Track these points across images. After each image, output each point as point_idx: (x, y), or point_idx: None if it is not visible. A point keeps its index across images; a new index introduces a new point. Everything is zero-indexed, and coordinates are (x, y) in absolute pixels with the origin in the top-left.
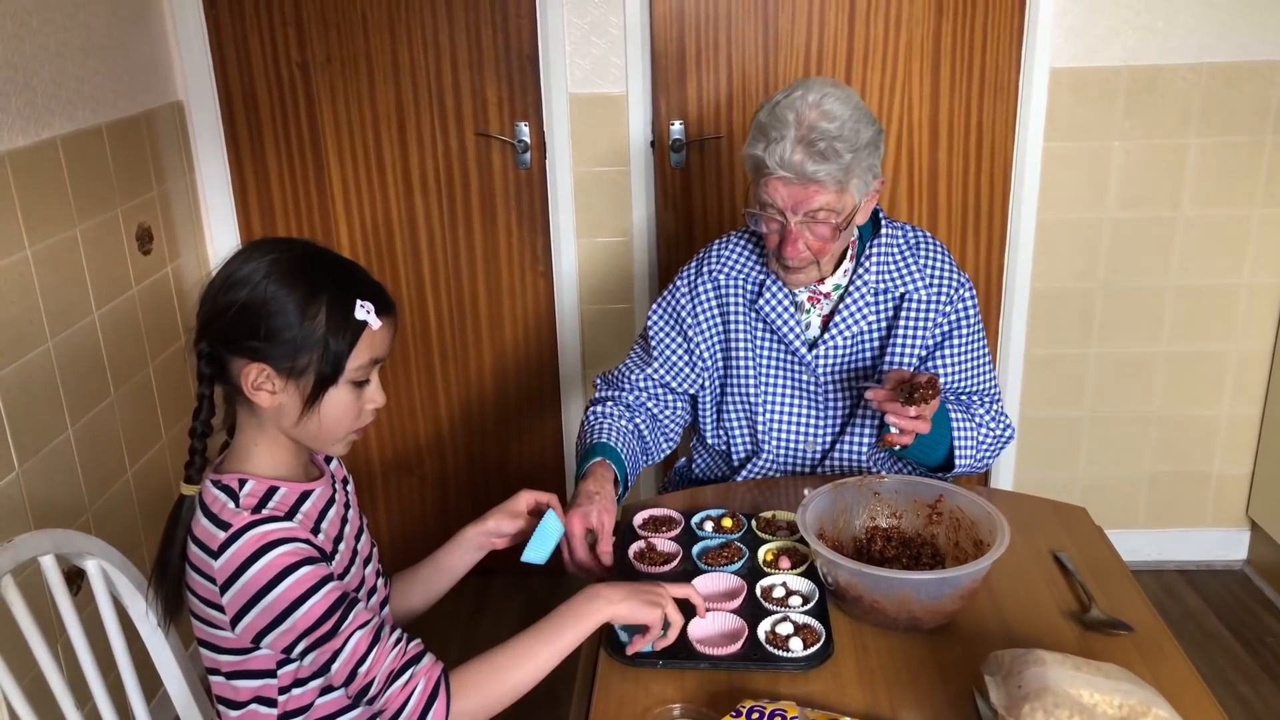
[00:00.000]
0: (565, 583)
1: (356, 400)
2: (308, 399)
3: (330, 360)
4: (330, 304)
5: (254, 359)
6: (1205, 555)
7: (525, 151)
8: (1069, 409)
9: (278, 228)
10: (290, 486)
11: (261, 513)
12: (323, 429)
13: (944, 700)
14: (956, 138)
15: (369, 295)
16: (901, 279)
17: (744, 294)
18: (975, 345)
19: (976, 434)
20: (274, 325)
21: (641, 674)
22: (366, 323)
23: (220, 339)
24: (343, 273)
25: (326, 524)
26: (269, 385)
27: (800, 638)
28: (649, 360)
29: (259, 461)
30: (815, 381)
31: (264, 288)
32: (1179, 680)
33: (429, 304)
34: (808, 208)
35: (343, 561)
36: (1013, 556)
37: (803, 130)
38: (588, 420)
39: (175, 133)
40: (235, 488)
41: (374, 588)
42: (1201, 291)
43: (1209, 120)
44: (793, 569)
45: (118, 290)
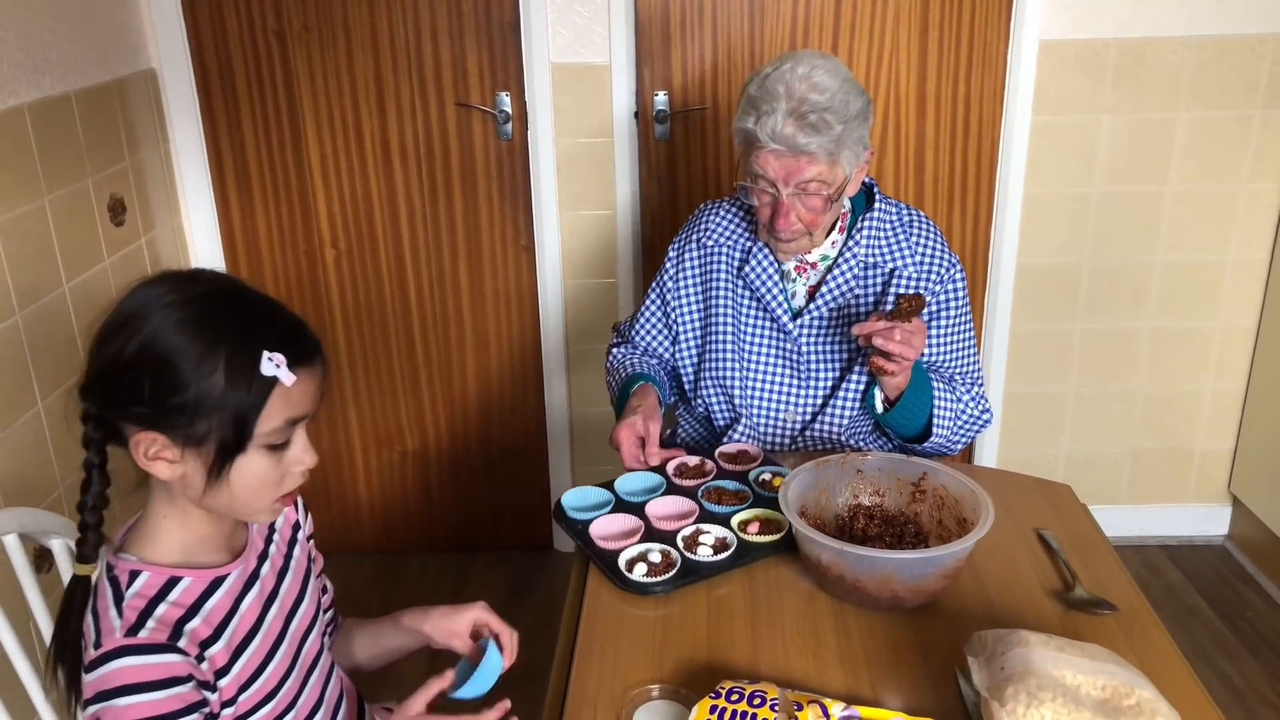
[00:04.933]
0: (548, 560)
1: (276, 466)
2: (211, 470)
3: (233, 426)
4: (230, 358)
5: (144, 426)
6: (1187, 530)
7: (507, 122)
8: (1054, 384)
9: (254, 199)
10: (197, 576)
11: (139, 635)
12: (236, 501)
13: (926, 681)
14: (944, 110)
15: (280, 344)
16: (891, 255)
17: (731, 261)
18: (961, 327)
19: (956, 407)
20: (162, 386)
21: (621, 656)
22: (277, 379)
23: (103, 400)
24: (248, 318)
25: (238, 617)
26: (166, 455)
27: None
28: (634, 329)
29: (166, 539)
30: (798, 351)
31: (148, 340)
32: (1162, 660)
33: (409, 278)
34: (799, 179)
35: (258, 656)
36: (997, 535)
37: (793, 103)
38: (613, 360)
39: (148, 101)
40: (124, 582)
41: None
42: (1187, 267)
43: (1197, 94)
44: (760, 534)
45: (89, 262)
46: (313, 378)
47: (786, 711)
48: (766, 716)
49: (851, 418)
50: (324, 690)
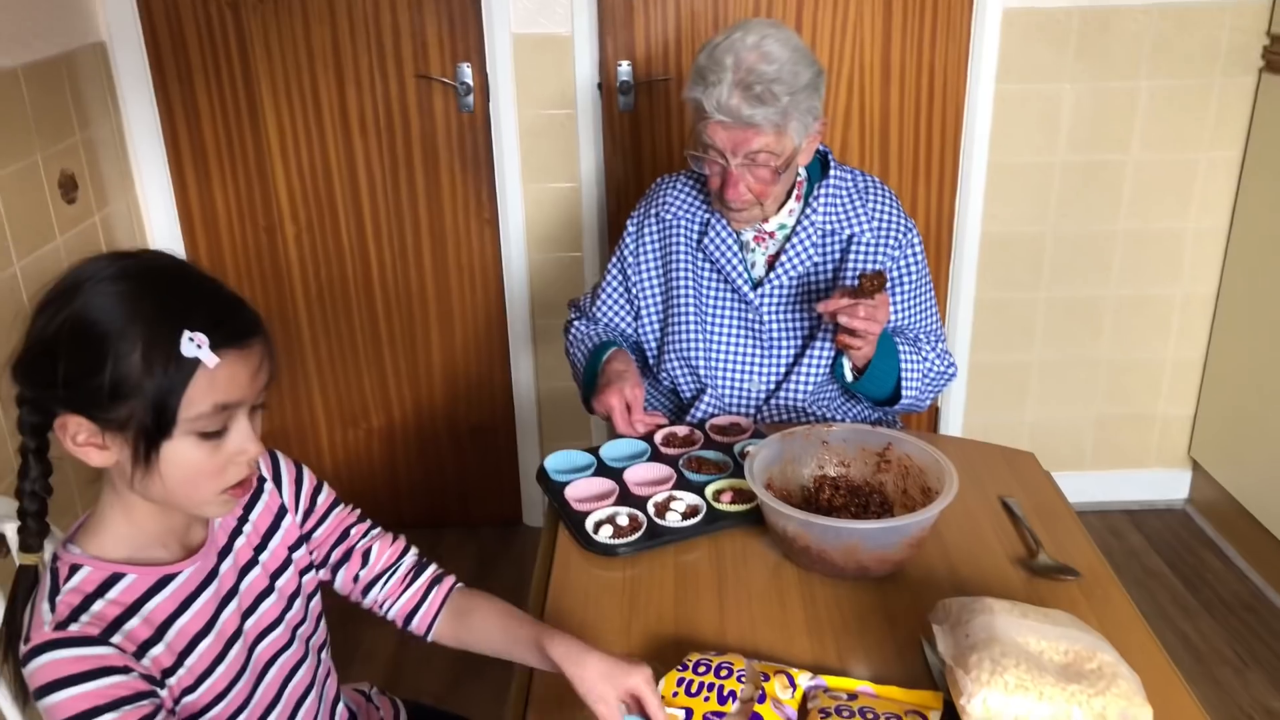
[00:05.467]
0: (517, 536)
1: (213, 455)
2: (136, 458)
3: (154, 410)
4: (148, 337)
5: (68, 409)
6: (1149, 495)
7: (468, 94)
8: (1018, 353)
9: (211, 173)
10: (142, 573)
11: (70, 628)
12: (170, 492)
13: (892, 649)
14: (908, 80)
15: (205, 323)
16: (849, 221)
17: (690, 233)
18: (922, 289)
19: (922, 367)
20: (77, 366)
21: (589, 629)
22: (199, 360)
23: (29, 380)
24: (174, 295)
25: (187, 617)
26: (95, 440)
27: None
28: (594, 302)
29: (112, 533)
30: (760, 321)
31: (70, 317)
32: (1123, 623)
33: (370, 252)
34: (747, 150)
35: (209, 656)
36: (961, 504)
37: (740, 74)
38: (575, 334)
39: (99, 75)
40: (65, 576)
41: (277, 654)
42: (1149, 235)
43: (1159, 63)
44: (732, 503)
45: (40, 240)
46: (245, 362)
47: (754, 682)
48: (734, 688)
49: (816, 385)
50: (284, 686)
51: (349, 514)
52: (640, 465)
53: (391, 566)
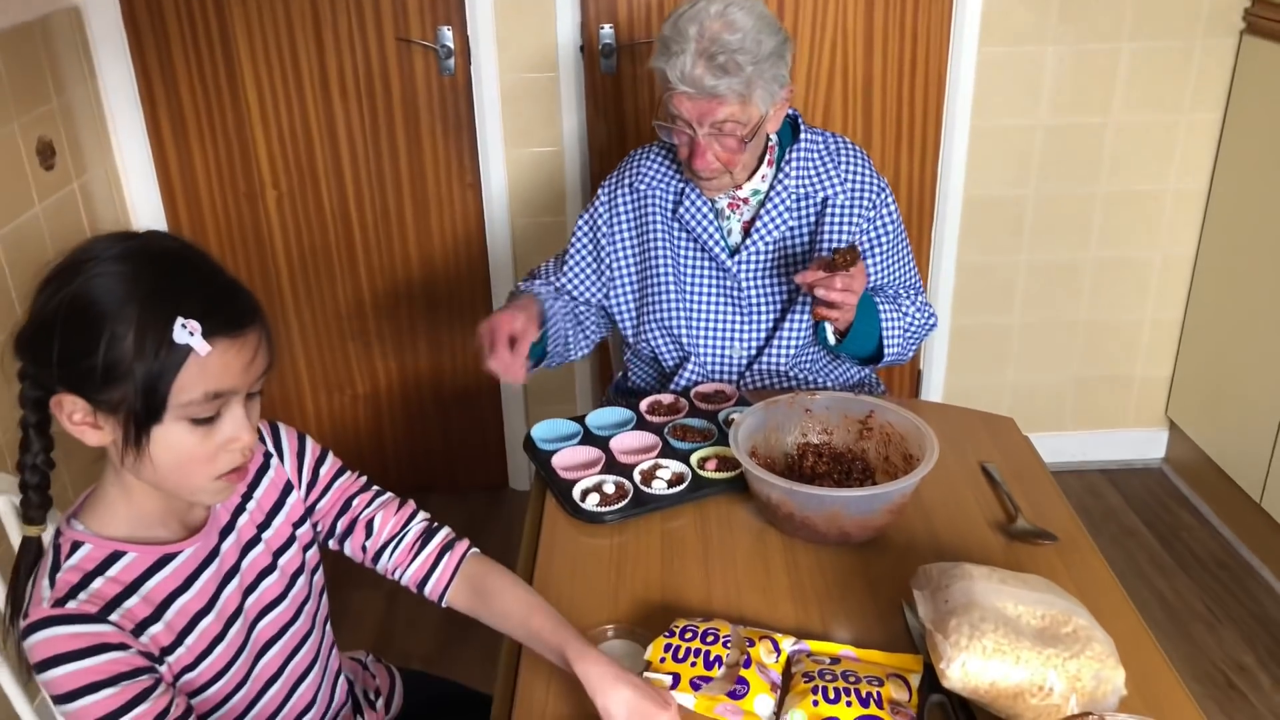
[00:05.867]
0: (503, 500)
1: (205, 441)
2: (126, 441)
3: (143, 394)
4: (141, 321)
5: (64, 388)
6: (1126, 455)
7: (449, 57)
8: (999, 315)
9: (190, 138)
10: (143, 552)
11: (68, 605)
12: (162, 476)
13: (874, 614)
14: (891, 44)
15: (200, 310)
16: (823, 184)
17: (665, 203)
18: (899, 245)
19: (903, 323)
20: (72, 345)
21: (576, 596)
22: (191, 347)
23: (29, 356)
24: (170, 279)
25: (188, 596)
26: (90, 420)
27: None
28: (561, 270)
29: (113, 511)
30: (739, 287)
31: (67, 296)
32: (1098, 586)
33: (353, 217)
34: (713, 119)
35: (209, 634)
36: (942, 469)
37: (704, 44)
38: (515, 288)
39: (73, 39)
40: (66, 552)
41: (279, 633)
42: (1129, 197)
43: (1140, 25)
44: (716, 470)
45: (19, 208)
46: (240, 351)
47: (739, 647)
48: (720, 653)
49: (798, 349)
50: (286, 663)
51: (353, 482)
52: (626, 434)
53: (398, 534)
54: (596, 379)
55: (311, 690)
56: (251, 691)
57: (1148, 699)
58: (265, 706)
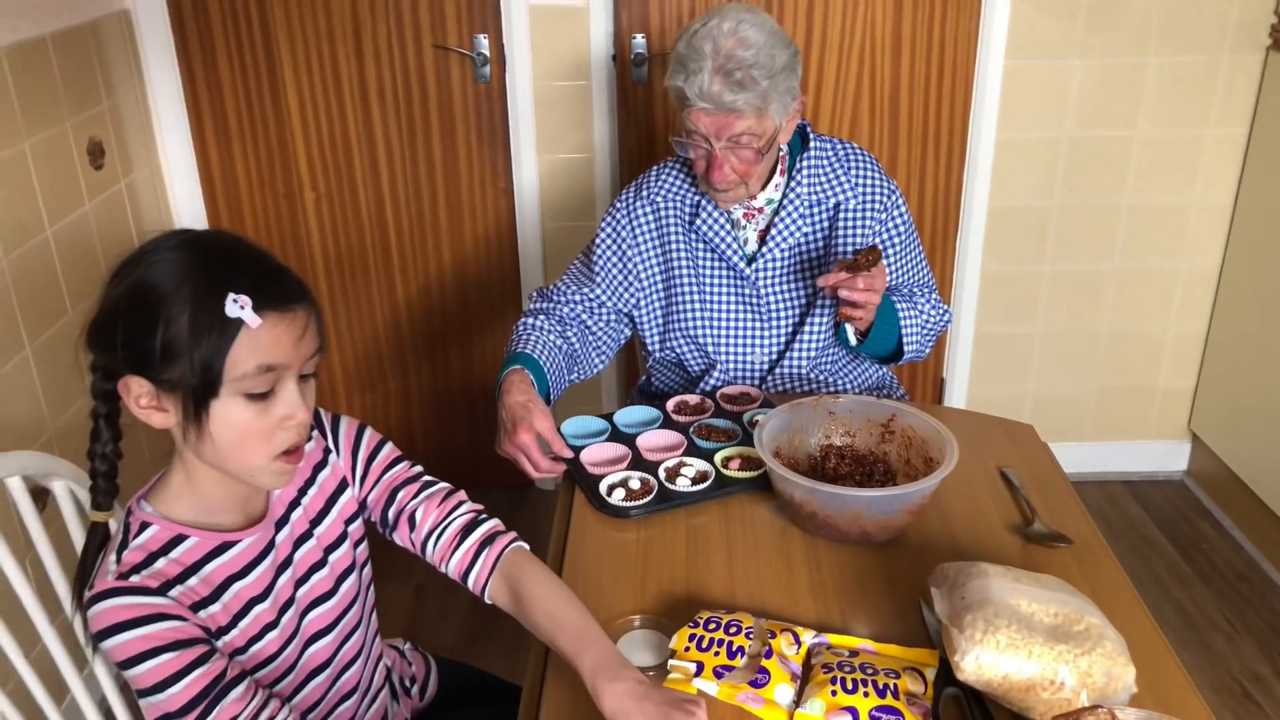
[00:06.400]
0: (528, 498)
1: (261, 417)
2: (187, 417)
3: (199, 369)
4: (195, 298)
5: (129, 371)
6: (1147, 466)
7: (484, 65)
8: (1022, 325)
9: (233, 141)
10: (204, 537)
11: (131, 579)
12: (221, 454)
13: (892, 611)
14: (918, 55)
15: (249, 287)
16: (834, 190)
17: (682, 215)
18: (910, 246)
19: (919, 320)
20: (134, 328)
21: (604, 587)
22: (242, 321)
23: (97, 345)
24: (224, 261)
25: (244, 583)
26: (155, 403)
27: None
28: (590, 279)
29: (179, 497)
30: (758, 295)
31: (131, 284)
32: (1113, 589)
33: (389, 221)
34: (730, 133)
35: (263, 619)
36: (961, 473)
37: (719, 60)
38: (515, 332)
39: (123, 43)
40: (134, 531)
41: (330, 625)
42: (1154, 210)
43: (1168, 39)
44: (740, 470)
45: (70, 206)
46: (290, 326)
47: (761, 639)
48: (742, 644)
49: (817, 352)
50: (335, 654)
51: (403, 472)
52: (652, 432)
53: (439, 526)
54: (622, 383)
55: (355, 678)
56: (298, 678)
57: (1158, 697)
58: (311, 693)
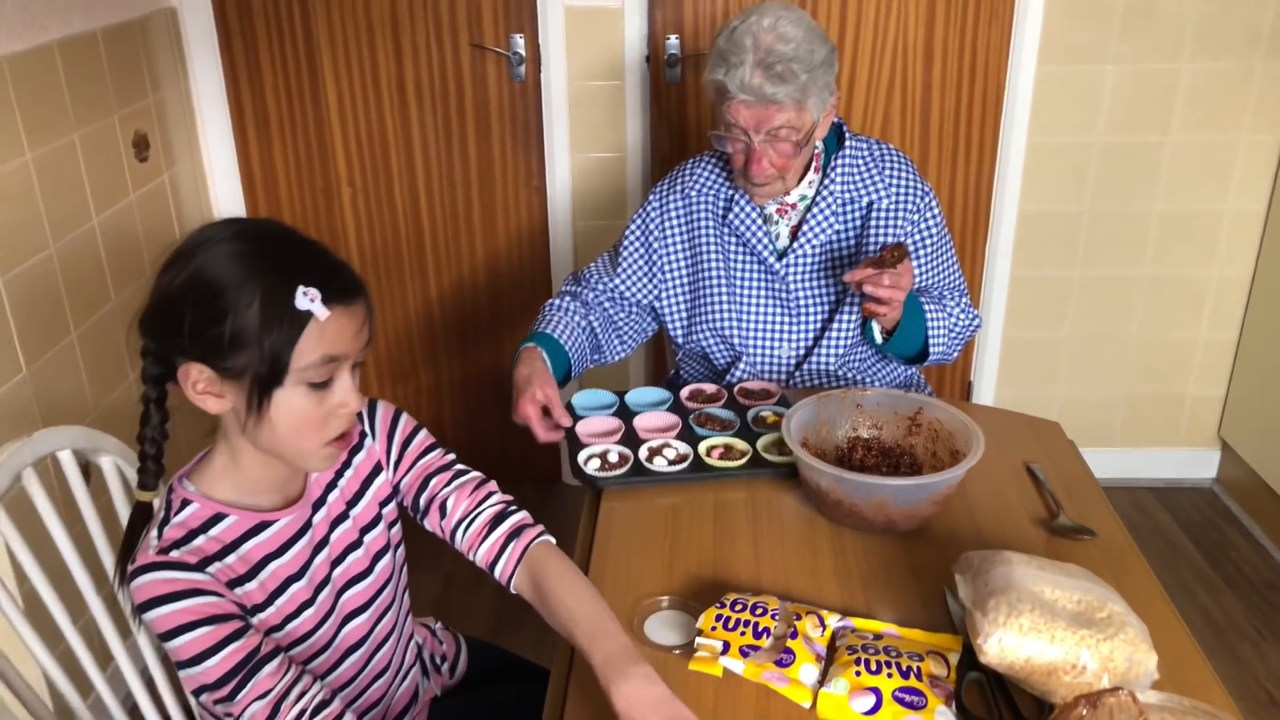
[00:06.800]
0: (555, 493)
1: (319, 405)
2: (250, 405)
3: (268, 358)
4: (266, 291)
5: (190, 358)
6: (1176, 473)
7: (520, 64)
8: (1051, 330)
9: (273, 137)
10: (243, 516)
11: (171, 554)
12: (279, 440)
13: (916, 598)
14: (950, 59)
15: (316, 280)
16: (868, 189)
17: (714, 209)
18: (943, 248)
19: (947, 323)
20: (201, 317)
21: (633, 570)
22: (311, 313)
23: (155, 332)
24: (288, 254)
25: (280, 562)
26: (213, 389)
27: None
28: (614, 271)
29: (221, 476)
30: (787, 290)
31: (194, 273)
32: (1137, 582)
33: (423, 216)
34: (769, 127)
35: (299, 598)
36: (987, 466)
37: (760, 54)
38: (542, 312)
39: (169, 39)
40: (175, 508)
41: (365, 605)
42: (1186, 216)
43: (1201, 45)
44: (721, 459)
45: (116, 197)
46: (351, 318)
47: (786, 621)
48: (768, 625)
49: (845, 349)
50: (369, 633)
51: (437, 459)
52: (652, 413)
53: (469, 515)
54: (650, 378)
55: (388, 656)
56: (333, 657)
57: (1179, 685)
58: (345, 671)
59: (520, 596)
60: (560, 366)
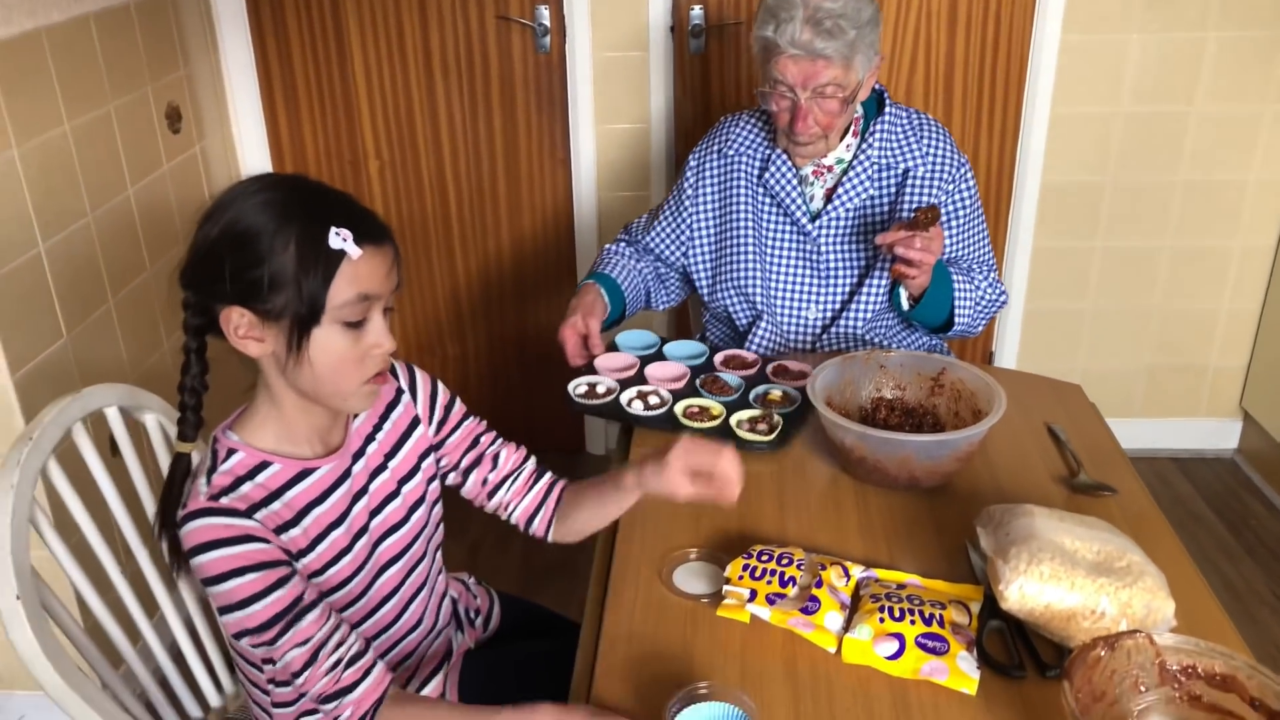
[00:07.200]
0: (579, 462)
1: (355, 345)
2: (290, 345)
3: (306, 298)
4: (301, 233)
5: (231, 302)
6: (1198, 444)
7: (545, 35)
8: (1073, 300)
9: (301, 110)
10: (286, 464)
11: (221, 500)
12: (319, 380)
13: (939, 551)
14: (974, 28)
15: (347, 222)
16: (904, 156)
17: (751, 167)
18: (975, 221)
19: (974, 295)
20: (240, 262)
21: (662, 524)
22: (344, 252)
23: (195, 282)
24: (319, 200)
25: (323, 508)
26: (254, 332)
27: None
28: (648, 229)
29: (263, 426)
30: (818, 252)
31: (230, 221)
32: (1156, 537)
33: (449, 188)
34: (816, 83)
35: (338, 545)
36: (1008, 426)
37: (809, 11)
38: (602, 254)
39: (199, 12)
40: (221, 457)
41: (399, 554)
42: (1209, 187)
43: (1228, 14)
44: (693, 419)
45: (150, 167)
46: (382, 258)
47: (812, 571)
48: (793, 574)
49: (874, 314)
50: (402, 583)
51: (478, 424)
52: (667, 363)
53: (516, 470)
54: None
55: (420, 609)
56: (369, 605)
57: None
58: (379, 620)
59: (551, 551)
60: (616, 307)
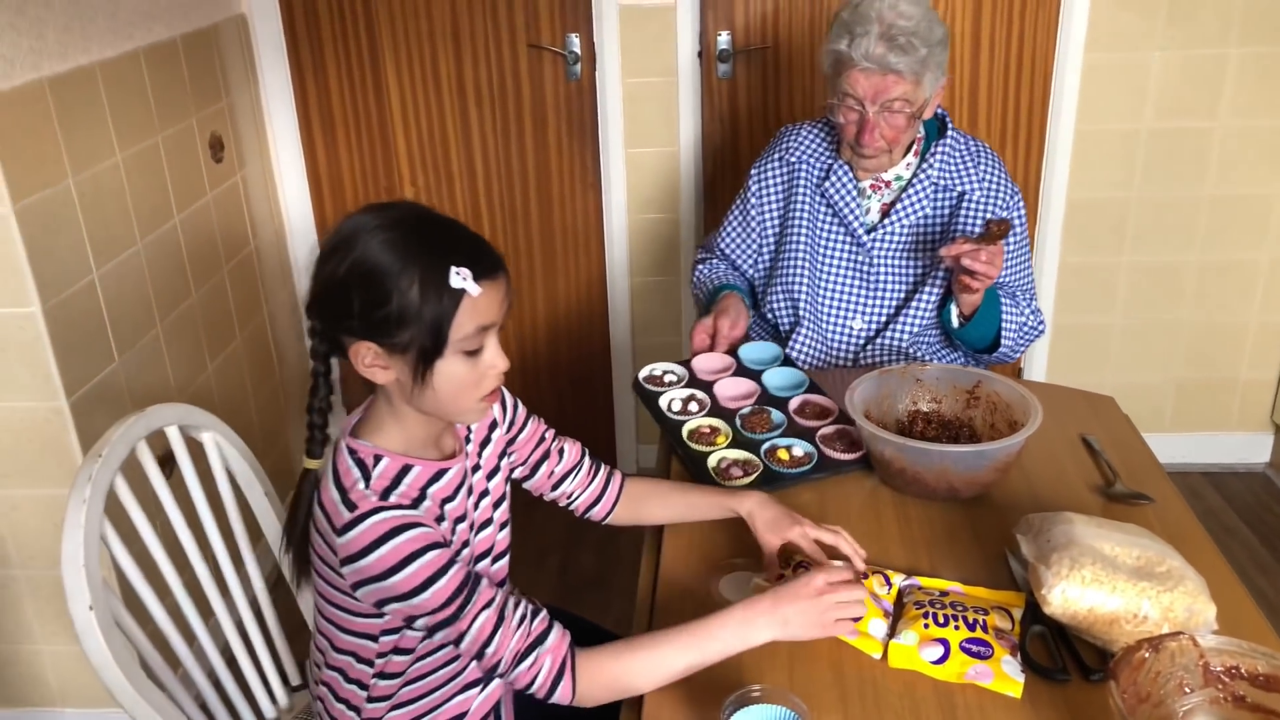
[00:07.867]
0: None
1: (473, 369)
2: (415, 375)
3: (430, 333)
4: (424, 274)
5: (360, 337)
6: (1229, 458)
7: (576, 63)
8: (1101, 315)
9: (338, 138)
10: (424, 466)
11: (390, 498)
12: (441, 402)
13: (979, 559)
14: (998, 48)
15: (466, 260)
16: (961, 179)
17: (811, 176)
18: (1023, 249)
19: (1018, 320)
20: (368, 301)
21: (704, 541)
22: (465, 290)
23: (324, 316)
24: (438, 238)
25: (453, 506)
26: (380, 362)
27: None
28: (719, 239)
29: (392, 435)
30: (870, 263)
31: (356, 261)
32: (1194, 543)
33: (483, 213)
34: (885, 98)
35: (461, 538)
36: (1044, 437)
37: (883, 27)
38: (697, 278)
39: (240, 45)
40: (370, 464)
41: (491, 548)
42: (1235, 201)
43: (1250, 30)
44: (732, 477)
45: (194, 196)
46: (496, 289)
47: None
48: None
49: (920, 329)
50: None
51: (539, 422)
52: (737, 380)
53: (579, 462)
54: None
55: None
56: None
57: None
58: None
59: (587, 566)
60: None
